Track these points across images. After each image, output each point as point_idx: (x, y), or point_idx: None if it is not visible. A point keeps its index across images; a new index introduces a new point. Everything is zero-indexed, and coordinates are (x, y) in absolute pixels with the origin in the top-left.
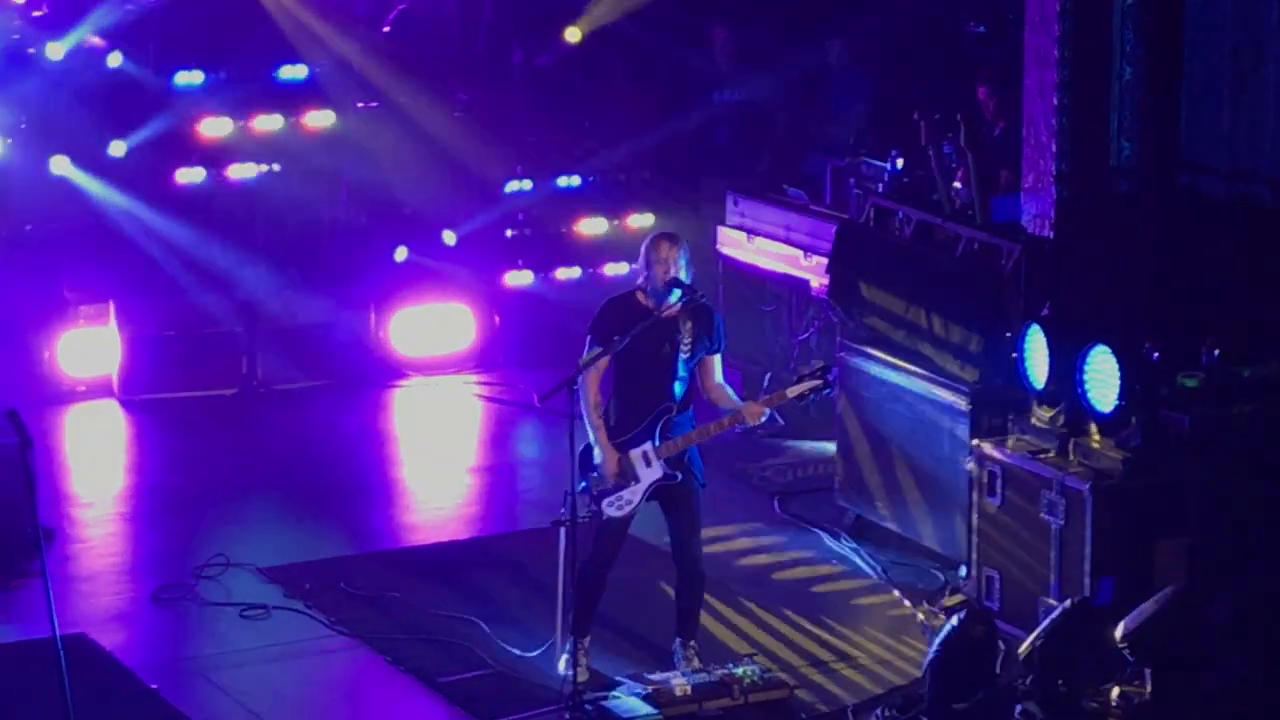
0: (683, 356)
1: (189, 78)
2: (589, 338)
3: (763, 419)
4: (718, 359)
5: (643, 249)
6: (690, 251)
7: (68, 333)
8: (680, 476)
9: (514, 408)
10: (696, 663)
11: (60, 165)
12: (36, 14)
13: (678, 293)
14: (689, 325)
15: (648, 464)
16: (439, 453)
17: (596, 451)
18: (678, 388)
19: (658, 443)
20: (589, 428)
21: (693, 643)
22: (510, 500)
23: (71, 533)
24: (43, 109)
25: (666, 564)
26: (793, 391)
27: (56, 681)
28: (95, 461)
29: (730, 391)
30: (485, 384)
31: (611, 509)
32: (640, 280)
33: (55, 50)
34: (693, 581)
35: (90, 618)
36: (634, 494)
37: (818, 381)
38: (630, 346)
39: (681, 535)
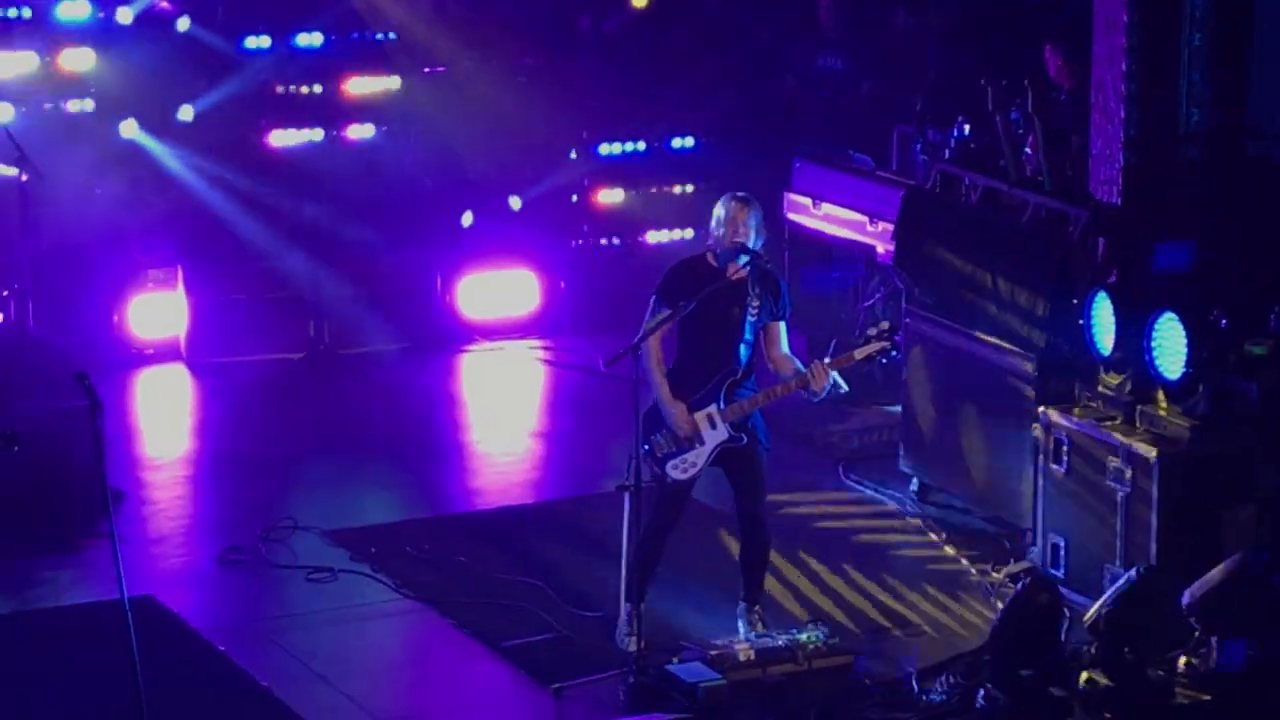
0: (750, 319)
1: (257, 42)
2: (654, 299)
3: (829, 383)
4: (783, 326)
5: (716, 210)
6: (761, 215)
7: (137, 296)
8: (745, 439)
9: (579, 372)
10: (761, 627)
11: (129, 129)
12: None
13: (745, 257)
14: (756, 289)
15: (713, 426)
16: (504, 417)
17: (664, 409)
18: (743, 351)
19: (723, 405)
20: (654, 385)
21: (758, 607)
22: (575, 465)
23: (140, 495)
24: (112, 73)
25: (731, 527)
26: (860, 353)
27: (125, 643)
28: (164, 424)
29: (796, 361)
30: (550, 349)
31: (676, 471)
32: (710, 241)
33: (124, 15)
34: (758, 545)
35: (158, 579)
36: (699, 456)
37: (885, 343)
38: (697, 309)
39: (746, 499)
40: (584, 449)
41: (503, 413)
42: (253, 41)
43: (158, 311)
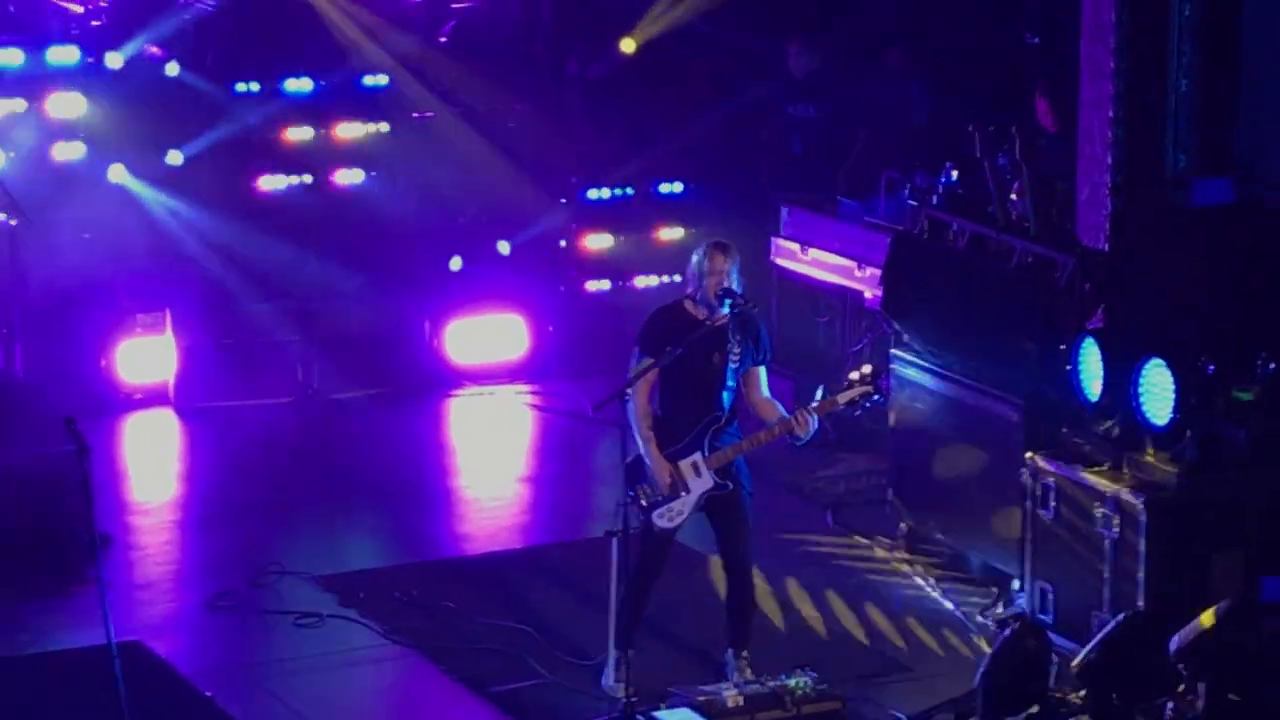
0: (731, 366)
1: (246, 87)
2: (636, 349)
3: (812, 428)
4: (763, 371)
5: (695, 258)
6: (738, 261)
7: (125, 341)
8: (730, 486)
9: (567, 417)
10: (749, 673)
11: (118, 173)
12: (95, 24)
13: (729, 302)
14: (737, 335)
15: (698, 474)
16: (492, 462)
17: (648, 462)
18: (726, 397)
19: (707, 453)
20: (639, 438)
21: (745, 653)
22: (563, 510)
23: (128, 540)
24: (101, 117)
25: (717, 572)
26: (843, 398)
27: (112, 688)
28: (152, 469)
29: (778, 405)
30: (538, 393)
31: (662, 520)
32: (690, 290)
33: (114, 59)
34: (744, 590)
35: (146, 624)
36: (684, 505)
37: (868, 388)
38: (681, 358)
39: (731, 544)
40: (572, 494)
41: (491, 458)
42: (242, 86)
43: (146, 356)
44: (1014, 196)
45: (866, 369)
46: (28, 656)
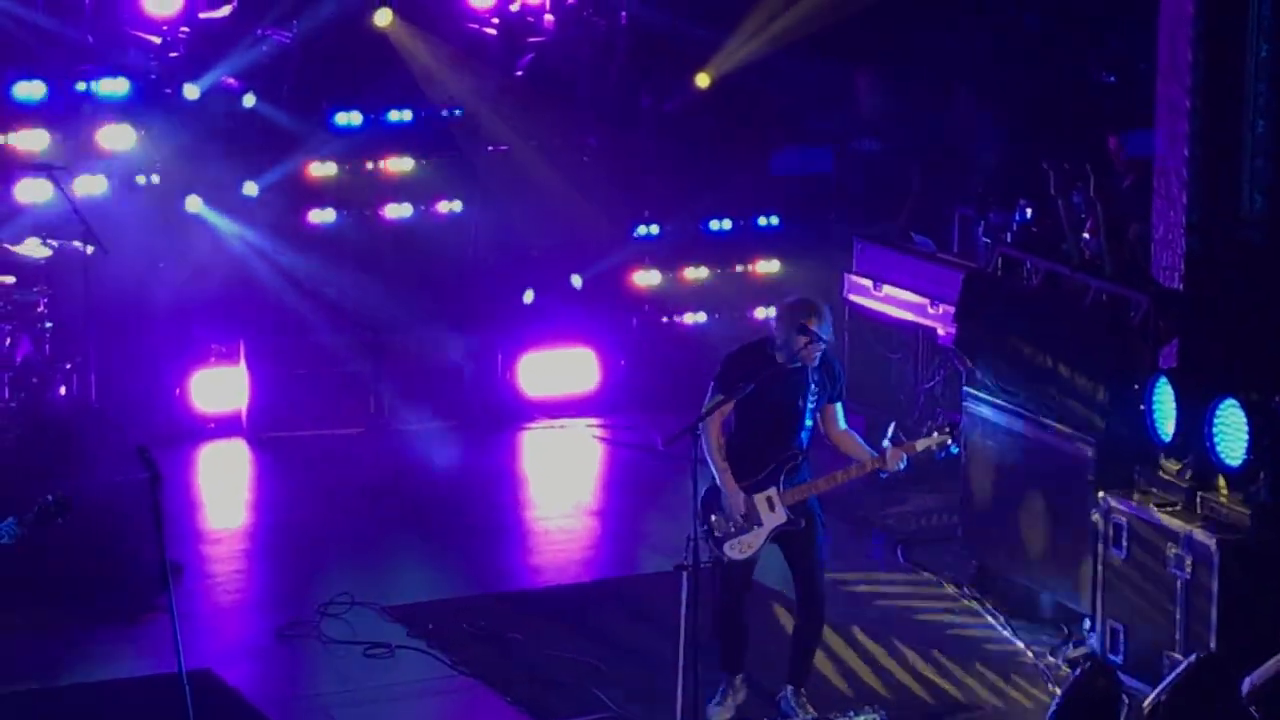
0: (810, 406)
1: (348, 119)
2: (712, 384)
3: (902, 465)
4: (839, 406)
5: (785, 311)
6: (830, 318)
7: (199, 370)
8: (803, 524)
9: (637, 451)
10: (810, 709)
11: (194, 204)
12: (173, 55)
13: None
14: (816, 376)
15: (771, 509)
16: (563, 495)
17: (724, 492)
18: (804, 437)
19: (783, 489)
20: (715, 470)
21: (803, 689)
22: (632, 543)
23: (199, 568)
24: (178, 148)
25: (785, 604)
26: (920, 445)
27: (182, 716)
28: (224, 498)
29: (857, 438)
30: (609, 427)
31: (734, 552)
32: (775, 335)
33: (192, 91)
34: (813, 626)
35: (216, 653)
36: (756, 538)
37: (945, 437)
38: (758, 394)
39: (804, 581)
40: (641, 528)
41: (561, 490)
42: (343, 118)
43: (219, 385)
44: (1086, 235)
45: (947, 422)
46: (99, 684)
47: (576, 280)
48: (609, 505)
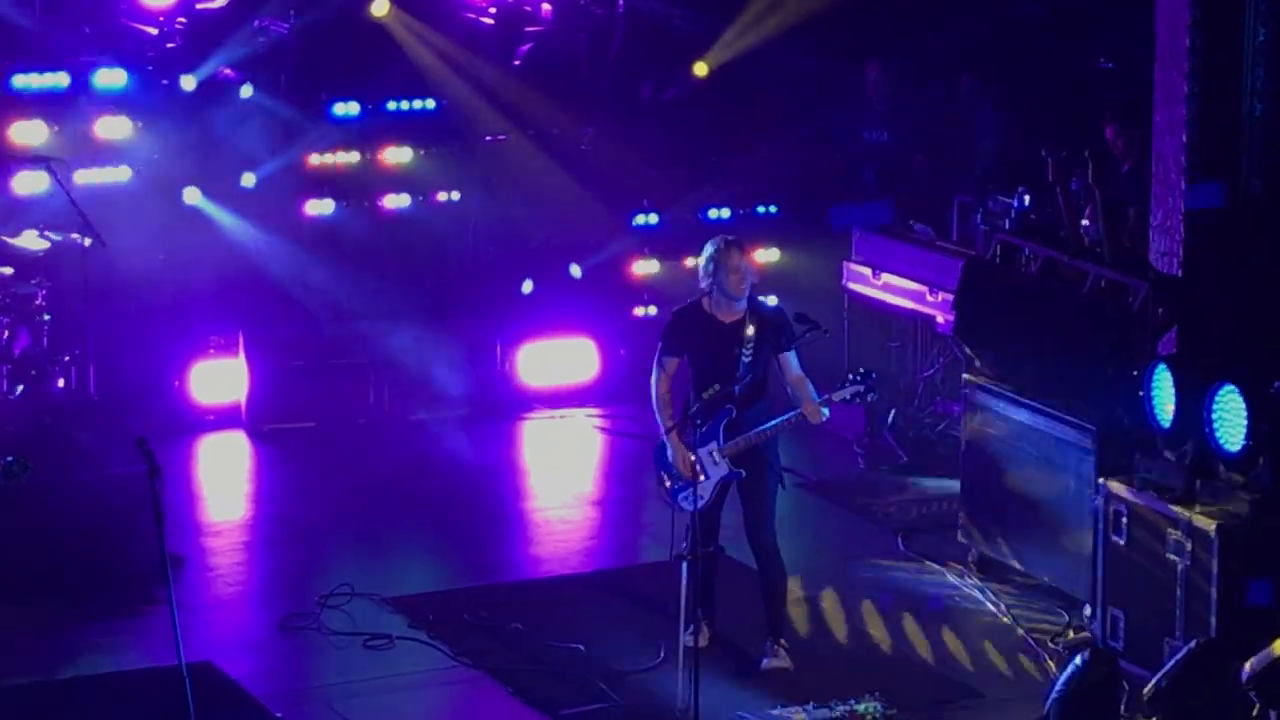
0: (744, 360)
1: (318, 110)
2: (659, 345)
3: (824, 416)
4: (792, 355)
5: (708, 255)
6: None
7: (198, 362)
8: (744, 474)
9: (637, 441)
10: (783, 658)
11: (192, 196)
12: (170, 45)
13: (741, 302)
14: (751, 330)
15: (714, 462)
16: (562, 485)
17: (668, 448)
18: (739, 390)
19: (722, 443)
20: (661, 423)
21: (782, 640)
22: (632, 534)
23: (199, 560)
24: (175, 140)
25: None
26: (837, 396)
27: (183, 709)
28: (224, 490)
29: (808, 386)
30: (608, 417)
31: (686, 503)
32: (702, 285)
33: (189, 82)
34: (771, 575)
35: (217, 645)
36: (704, 489)
37: (859, 386)
38: (698, 351)
39: (754, 528)
40: (641, 518)
41: (561, 481)
42: (341, 109)
43: (219, 377)
44: (1086, 222)
45: (863, 370)
46: (100, 677)
47: (576, 270)
48: (609, 495)
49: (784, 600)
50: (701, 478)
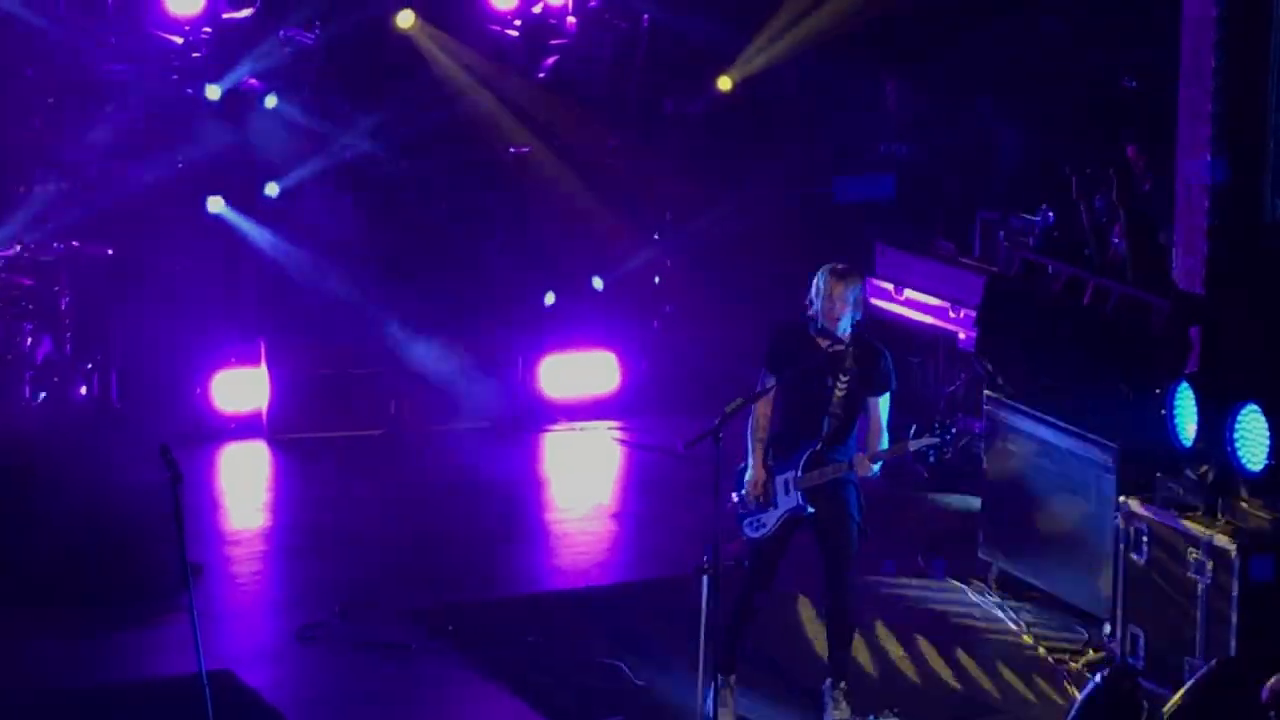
0: (838, 394)
1: (344, 120)
2: (763, 369)
3: (871, 472)
4: (883, 401)
5: (815, 281)
6: (860, 288)
7: (220, 371)
8: (812, 510)
9: (658, 453)
10: (844, 705)
11: (215, 205)
12: (195, 55)
13: (847, 330)
14: (850, 364)
15: (786, 492)
16: (583, 497)
17: (749, 469)
18: (826, 423)
19: (800, 474)
20: (749, 445)
21: (843, 684)
22: (653, 546)
23: (220, 569)
24: (199, 149)
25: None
26: (912, 445)
27: (202, 718)
28: (245, 499)
29: (882, 439)
30: (630, 430)
31: (749, 529)
32: (810, 310)
33: (213, 91)
34: (839, 618)
35: (236, 654)
36: (769, 518)
37: (935, 439)
38: (793, 379)
39: (828, 569)
40: (662, 531)
41: (582, 493)
42: (364, 119)
43: (240, 386)
44: (1116, 240)
45: (938, 422)
46: (119, 685)
47: (598, 282)
48: (629, 508)
49: (849, 643)
50: (770, 508)
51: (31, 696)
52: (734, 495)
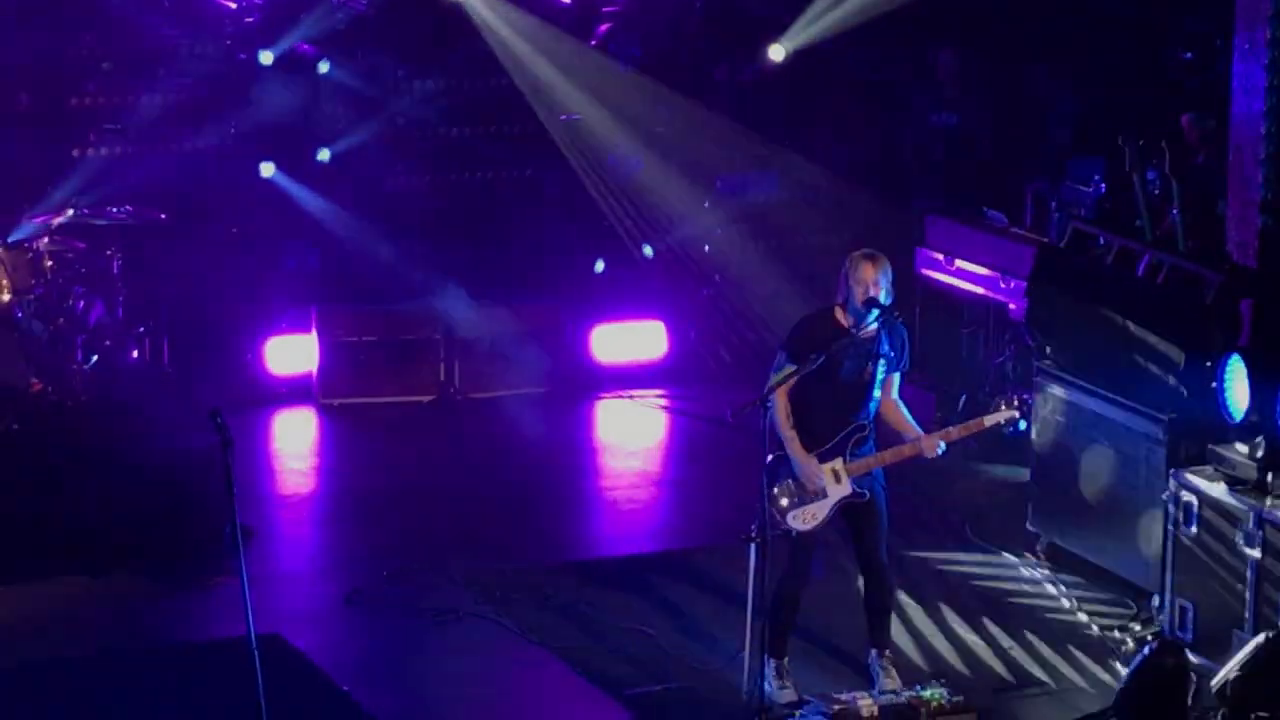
0: (879, 378)
1: (396, 86)
2: (781, 353)
3: (940, 451)
4: (897, 377)
5: (845, 267)
6: (892, 273)
7: (272, 336)
8: (867, 495)
9: (706, 422)
10: (894, 673)
11: (268, 170)
12: (248, 20)
13: (876, 313)
14: (884, 347)
15: (837, 480)
16: (631, 465)
17: (795, 461)
18: (871, 407)
19: (849, 460)
20: (786, 439)
21: (888, 652)
22: (700, 515)
23: (270, 532)
24: (252, 114)
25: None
26: (989, 420)
27: (251, 680)
28: (295, 463)
29: (904, 411)
30: (678, 398)
31: (796, 522)
32: (839, 297)
33: (266, 57)
34: (883, 591)
35: (286, 617)
36: (821, 509)
37: (1014, 412)
38: (827, 365)
39: (868, 547)
40: (710, 499)
41: (630, 461)
42: (417, 85)
43: (291, 351)
44: (1175, 212)
45: (1015, 398)
46: (169, 647)
47: (648, 250)
48: (677, 477)
49: (890, 614)
50: (820, 498)
51: (84, 659)
52: (774, 489)
